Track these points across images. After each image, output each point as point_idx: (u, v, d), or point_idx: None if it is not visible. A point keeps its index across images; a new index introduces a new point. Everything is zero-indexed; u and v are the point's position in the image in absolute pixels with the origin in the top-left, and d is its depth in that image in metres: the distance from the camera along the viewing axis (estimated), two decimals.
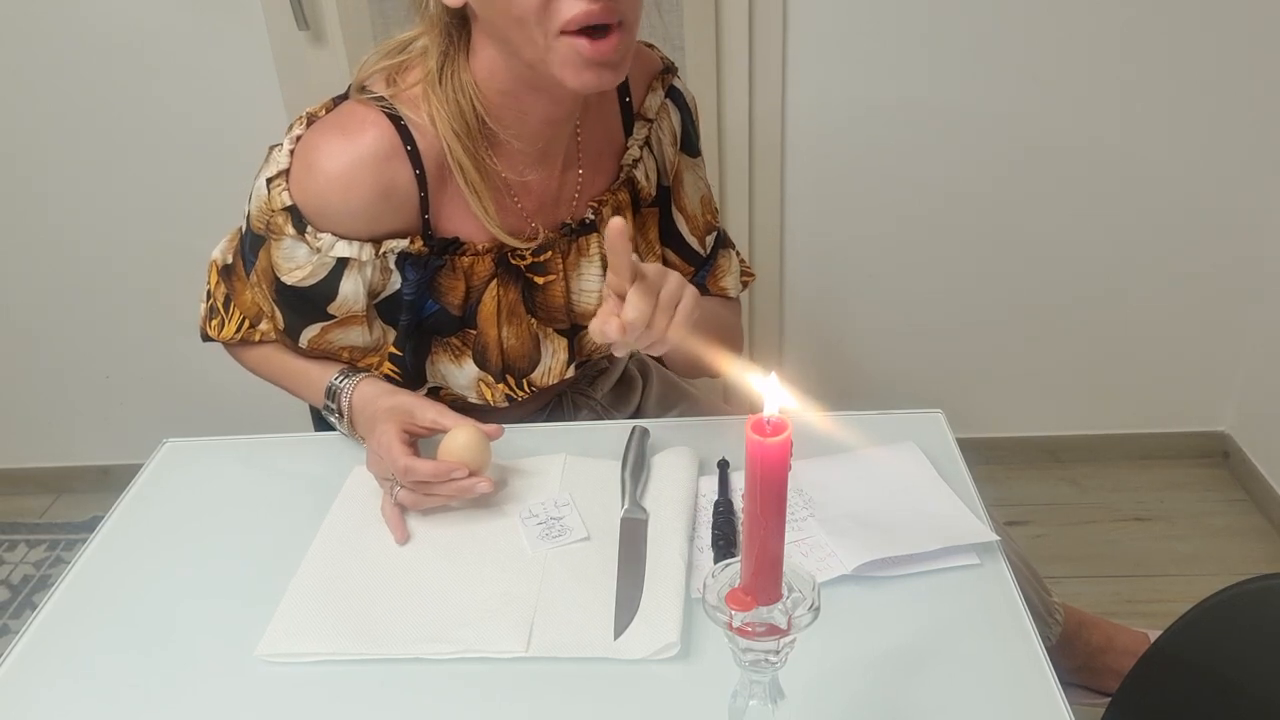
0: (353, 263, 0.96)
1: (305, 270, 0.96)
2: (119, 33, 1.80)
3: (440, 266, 0.99)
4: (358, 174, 0.92)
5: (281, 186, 0.94)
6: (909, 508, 0.91)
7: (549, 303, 1.05)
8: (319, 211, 0.94)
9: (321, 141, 0.94)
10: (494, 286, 1.02)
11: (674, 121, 1.09)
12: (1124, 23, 1.75)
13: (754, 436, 0.50)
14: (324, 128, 0.95)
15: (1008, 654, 0.77)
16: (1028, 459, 2.18)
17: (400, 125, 0.93)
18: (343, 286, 0.97)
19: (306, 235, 0.95)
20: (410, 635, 0.80)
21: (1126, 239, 1.95)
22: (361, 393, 1.01)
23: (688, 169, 1.12)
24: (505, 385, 1.05)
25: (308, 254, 0.96)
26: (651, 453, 1.00)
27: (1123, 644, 1.50)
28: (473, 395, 1.06)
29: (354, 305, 0.99)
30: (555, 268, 1.04)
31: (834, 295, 2.03)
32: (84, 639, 0.83)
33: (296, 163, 0.94)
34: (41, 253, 2.03)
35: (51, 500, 2.29)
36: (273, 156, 0.97)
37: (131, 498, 1.00)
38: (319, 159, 0.93)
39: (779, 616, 0.54)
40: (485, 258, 1.00)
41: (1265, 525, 1.99)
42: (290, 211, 0.94)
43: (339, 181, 0.92)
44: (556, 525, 0.91)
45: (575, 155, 1.04)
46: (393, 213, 0.95)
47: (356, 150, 0.92)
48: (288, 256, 0.97)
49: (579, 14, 0.82)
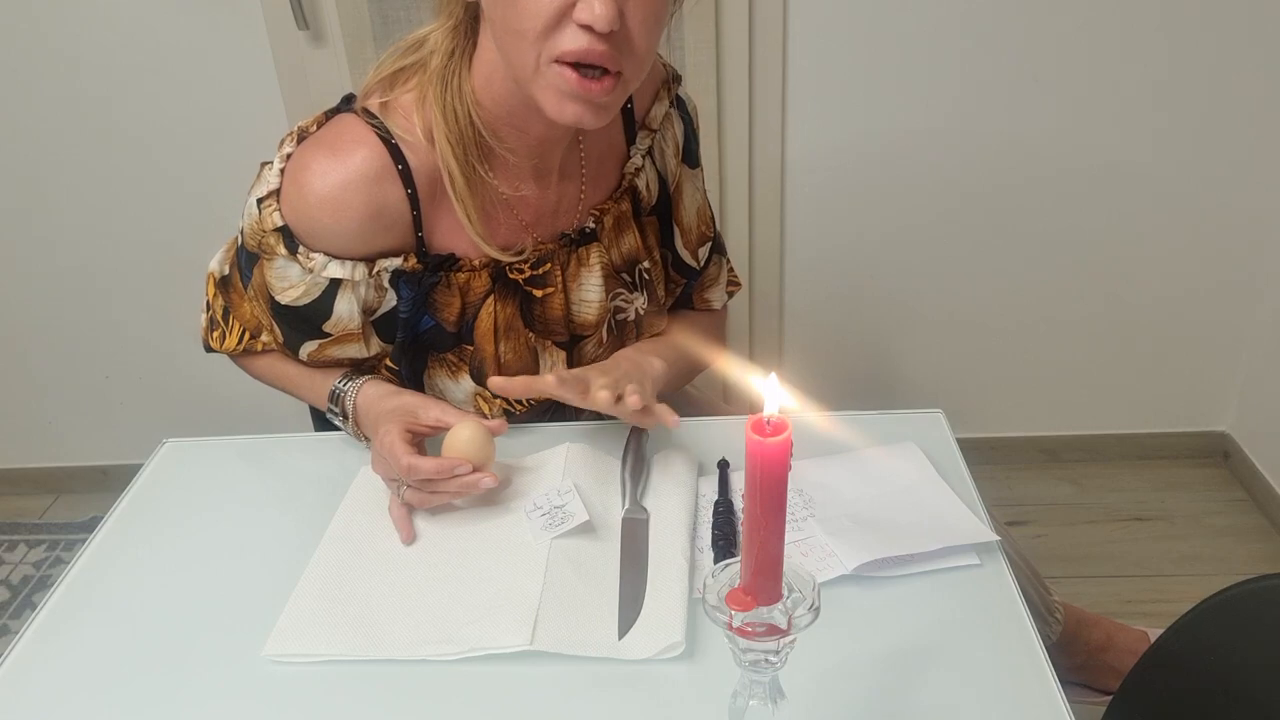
0: (346, 283, 0.96)
1: (299, 290, 0.96)
2: (119, 33, 1.80)
3: (435, 283, 0.99)
4: (348, 196, 0.91)
5: (273, 206, 0.94)
6: (909, 508, 0.91)
7: (548, 315, 1.05)
8: (310, 232, 0.93)
9: (311, 161, 0.93)
10: (491, 302, 1.01)
11: (677, 132, 1.09)
12: (1121, 24, 1.75)
13: (754, 436, 0.50)
14: (314, 146, 0.94)
15: (1008, 654, 0.77)
16: (1028, 459, 2.18)
17: (391, 145, 0.93)
18: (337, 306, 0.97)
19: (299, 255, 0.94)
20: (416, 637, 0.80)
21: (1126, 239, 1.94)
22: (366, 394, 1.01)
23: (687, 180, 1.12)
24: (503, 400, 1.05)
25: (300, 273, 0.95)
26: (651, 452, 1.00)
27: (1123, 643, 1.50)
28: (470, 410, 1.06)
29: (349, 324, 0.99)
30: (554, 280, 1.04)
31: (834, 295, 2.03)
32: (84, 639, 0.83)
33: (287, 182, 0.94)
34: (41, 253, 2.02)
35: (51, 500, 2.29)
36: (264, 175, 0.96)
37: (131, 498, 1.00)
38: (309, 179, 0.92)
39: (779, 616, 0.55)
40: (482, 273, 1.00)
41: (1265, 525, 1.99)
42: (282, 232, 0.94)
43: (329, 203, 0.91)
44: (559, 514, 0.91)
45: (578, 167, 1.04)
46: (384, 232, 0.95)
47: (346, 171, 0.91)
48: (280, 276, 0.96)
49: (578, 49, 0.81)
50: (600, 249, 1.05)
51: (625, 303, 1.09)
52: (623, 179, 1.06)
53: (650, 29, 0.85)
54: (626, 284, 1.09)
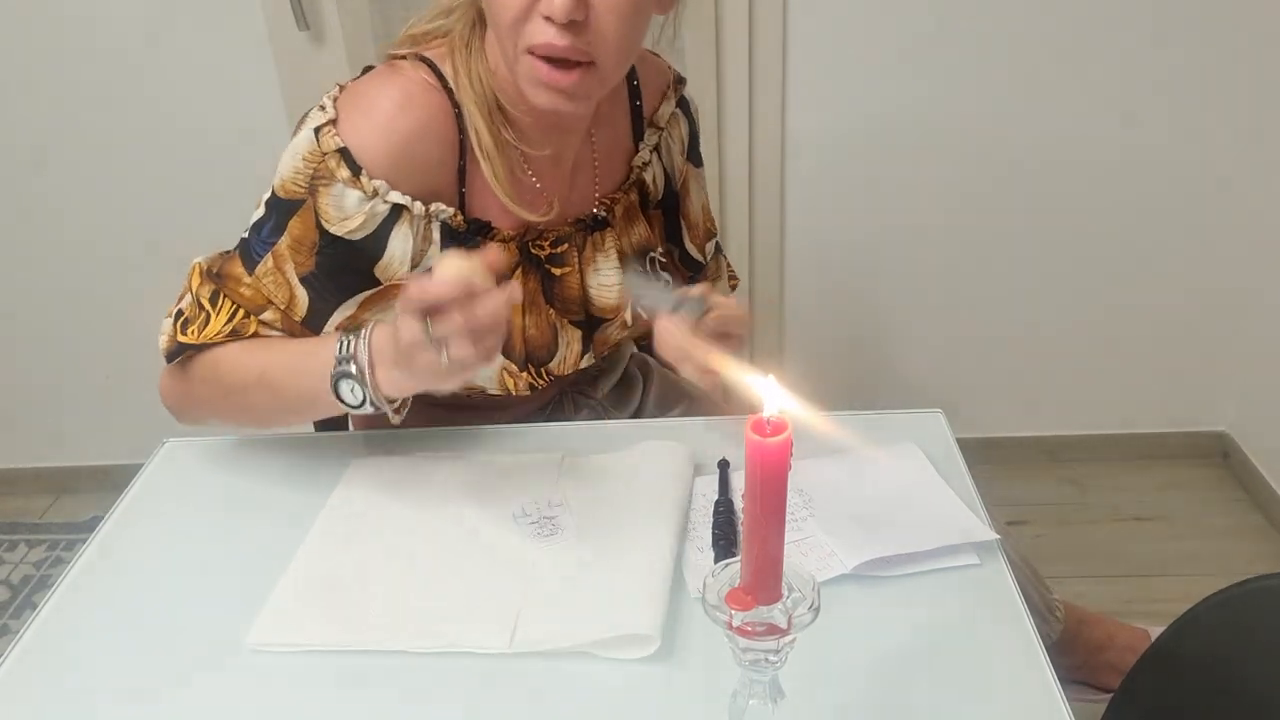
0: (404, 214, 0.94)
1: (357, 220, 0.93)
2: (119, 33, 1.80)
3: (473, 248, 0.99)
4: (410, 99, 0.93)
5: (331, 132, 0.93)
6: (909, 507, 0.91)
7: (565, 294, 1.06)
8: (372, 147, 0.92)
9: (368, 87, 0.95)
10: (518, 274, 1.02)
11: (683, 131, 1.13)
12: (1123, 25, 1.75)
13: (754, 436, 0.50)
14: (368, 77, 0.97)
15: (1008, 653, 0.77)
16: (1028, 459, 2.17)
17: (445, 84, 0.95)
18: (391, 242, 0.95)
19: (361, 179, 0.92)
20: (395, 629, 0.80)
21: (1126, 239, 1.95)
22: (381, 333, 0.88)
23: (692, 178, 1.15)
24: (528, 374, 1.05)
25: (359, 201, 0.93)
26: (648, 444, 1.00)
27: (1123, 641, 1.50)
28: (494, 386, 1.04)
29: (399, 269, 0.96)
30: (571, 260, 1.05)
31: (834, 295, 2.03)
32: (84, 639, 0.83)
33: (345, 106, 0.94)
34: (41, 253, 2.03)
35: (51, 500, 2.29)
36: (310, 115, 0.95)
37: (131, 498, 1.00)
38: (369, 93, 0.94)
39: (779, 616, 0.55)
40: (510, 245, 1.01)
41: (1265, 525, 1.99)
42: (342, 154, 0.92)
43: (390, 108, 0.92)
44: (549, 525, 0.91)
45: (590, 159, 1.06)
46: (436, 155, 0.95)
47: (407, 83, 0.94)
48: (337, 205, 0.93)
49: (542, 42, 0.84)
50: (614, 235, 1.07)
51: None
52: (631, 171, 1.09)
53: (623, 18, 0.85)
54: (641, 271, 1.10)
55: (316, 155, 0.93)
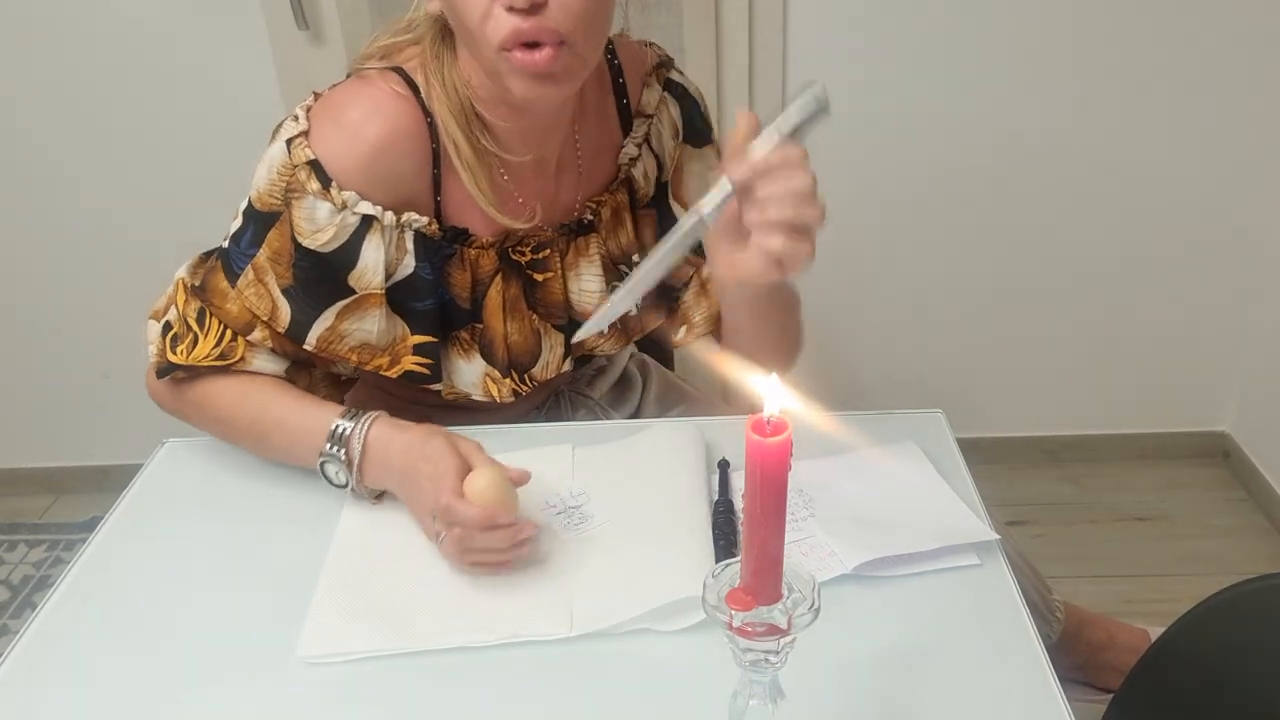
0: (375, 225, 0.94)
1: (328, 233, 0.94)
2: (118, 33, 1.80)
3: (450, 255, 0.99)
4: (379, 109, 0.93)
5: (303, 144, 0.94)
6: (909, 507, 0.91)
7: (548, 299, 1.05)
8: (341, 159, 0.93)
9: (339, 98, 0.95)
10: (498, 281, 1.02)
11: (673, 114, 1.09)
12: (1124, 20, 1.75)
13: (754, 436, 0.50)
14: (340, 88, 0.97)
15: (1008, 653, 0.77)
16: (1028, 459, 2.17)
17: (417, 94, 0.95)
18: (364, 252, 0.95)
19: (330, 191, 0.93)
20: (451, 625, 0.80)
21: (1126, 239, 1.94)
22: (380, 429, 0.92)
23: (694, 158, 1.10)
24: (511, 380, 1.05)
25: (330, 213, 0.93)
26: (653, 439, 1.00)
27: (1124, 641, 1.50)
28: (478, 392, 1.05)
29: (373, 279, 0.96)
30: (554, 265, 1.04)
31: (834, 295, 2.02)
32: (84, 639, 0.83)
33: (318, 118, 0.94)
34: (41, 252, 2.02)
35: (51, 500, 2.29)
36: (284, 126, 0.96)
37: (131, 498, 1.00)
38: (339, 103, 0.94)
39: (779, 616, 0.54)
40: (489, 251, 1.00)
41: (1265, 525, 1.99)
42: (313, 166, 0.93)
43: (359, 118, 0.93)
44: (576, 514, 0.91)
45: (574, 160, 1.04)
46: (408, 165, 0.95)
47: (376, 93, 0.94)
48: (309, 218, 0.94)
49: (508, 33, 0.84)
50: (599, 239, 1.05)
51: None
52: (619, 169, 1.06)
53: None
54: (622, 277, 1.09)
55: (289, 168, 0.94)
